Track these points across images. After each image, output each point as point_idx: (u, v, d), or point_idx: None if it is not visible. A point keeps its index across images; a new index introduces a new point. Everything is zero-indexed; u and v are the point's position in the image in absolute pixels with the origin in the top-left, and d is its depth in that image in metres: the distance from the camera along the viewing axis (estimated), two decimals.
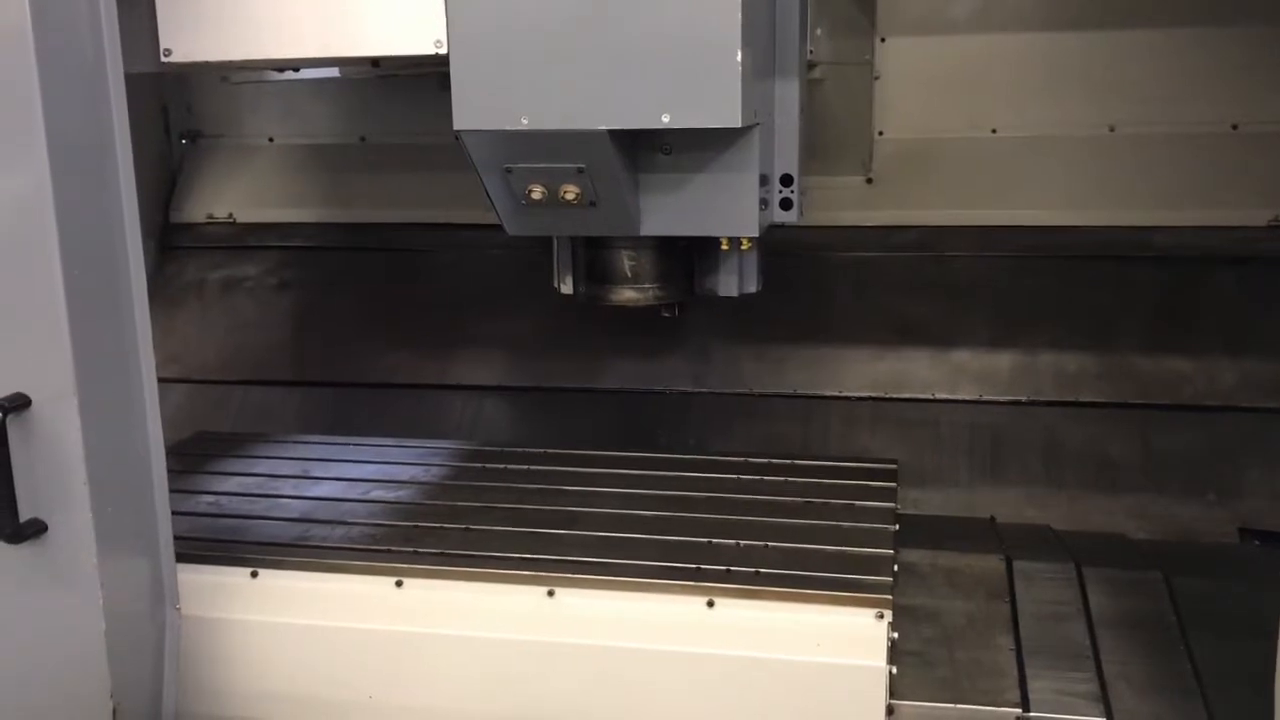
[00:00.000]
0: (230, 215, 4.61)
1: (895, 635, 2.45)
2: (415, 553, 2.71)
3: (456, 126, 2.63)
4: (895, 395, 3.91)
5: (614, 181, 2.73)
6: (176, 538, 2.46)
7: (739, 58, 2.47)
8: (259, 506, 3.05)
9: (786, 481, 3.12)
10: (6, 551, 2.21)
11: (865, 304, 4.03)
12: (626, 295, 3.15)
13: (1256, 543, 3.47)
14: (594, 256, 3.17)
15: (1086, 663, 2.58)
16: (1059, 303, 3.91)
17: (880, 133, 4.09)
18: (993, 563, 3.01)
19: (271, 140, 4.60)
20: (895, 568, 2.65)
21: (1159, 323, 3.83)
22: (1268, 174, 3.81)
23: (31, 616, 2.29)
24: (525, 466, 3.26)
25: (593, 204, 2.77)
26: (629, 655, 2.48)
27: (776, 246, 3.31)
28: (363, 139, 4.51)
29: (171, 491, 2.43)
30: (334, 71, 4.29)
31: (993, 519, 3.44)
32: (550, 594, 2.55)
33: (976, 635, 2.67)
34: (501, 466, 3.28)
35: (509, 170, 2.75)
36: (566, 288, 3.29)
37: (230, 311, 4.44)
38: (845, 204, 4.08)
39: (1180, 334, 3.80)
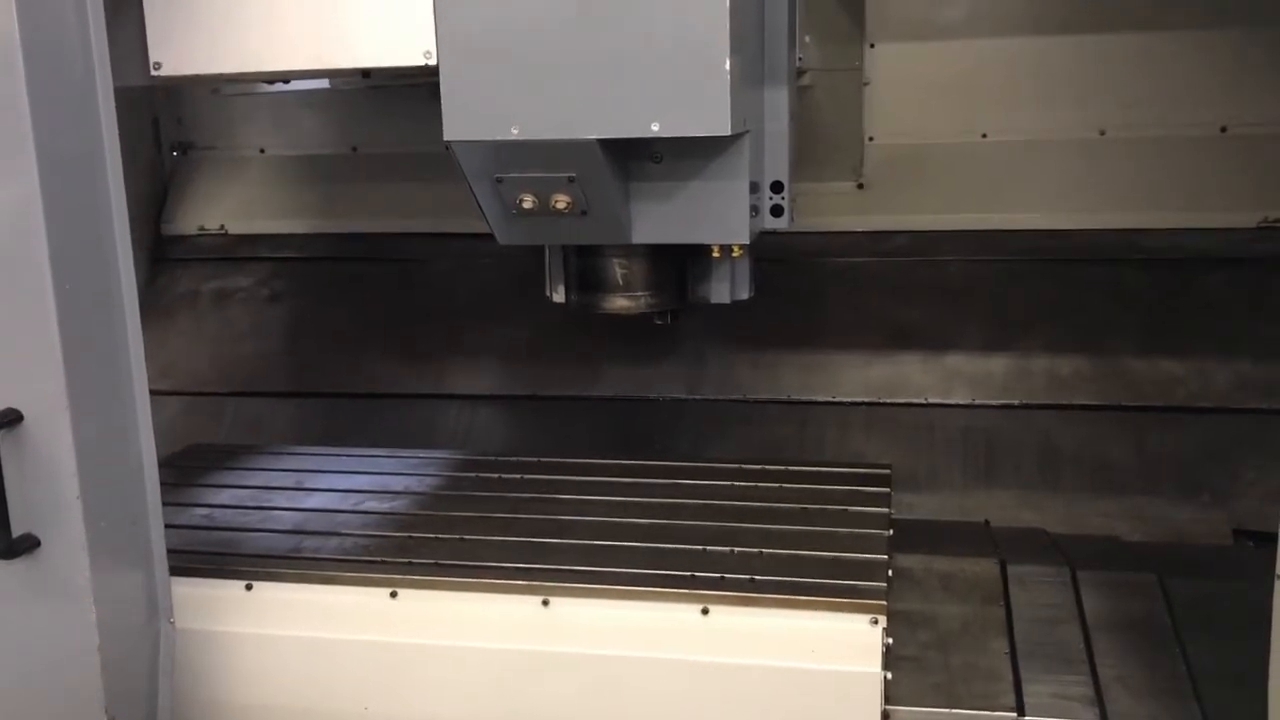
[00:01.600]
0: (222, 227, 4.61)
1: (890, 640, 2.44)
2: (409, 563, 2.70)
3: (447, 137, 2.63)
4: (889, 400, 3.91)
5: (605, 190, 2.73)
6: (170, 551, 2.46)
7: (728, 66, 2.47)
8: (253, 519, 3.04)
9: (781, 487, 3.12)
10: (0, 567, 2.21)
11: (858, 309, 4.04)
12: (619, 303, 3.15)
13: (1251, 544, 3.46)
14: (586, 265, 3.17)
15: (1081, 666, 2.59)
16: (1051, 306, 3.92)
17: (871, 138, 4.10)
18: (987, 567, 3.01)
19: (263, 151, 4.60)
20: (890, 573, 2.64)
21: (1151, 325, 3.83)
22: (1257, 175, 3.83)
23: (25, 631, 2.29)
24: (519, 475, 3.26)
25: (584, 213, 2.77)
26: (624, 663, 2.48)
27: (768, 253, 3.31)
28: (354, 149, 4.51)
29: (165, 504, 2.43)
30: (324, 83, 4.30)
31: (987, 523, 3.44)
32: (545, 603, 2.55)
33: (971, 640, 2.68)
34: (495, 476, 3.27)
35: (500, 180, 2.75)
36: (559, 296, 3.29)
37: (223, 323, 4.44)
38: (837, 210, 4.09)
39: (1172, 336, 3.81)
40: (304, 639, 2.61)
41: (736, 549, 2.72)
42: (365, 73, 2.87)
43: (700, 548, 2.74)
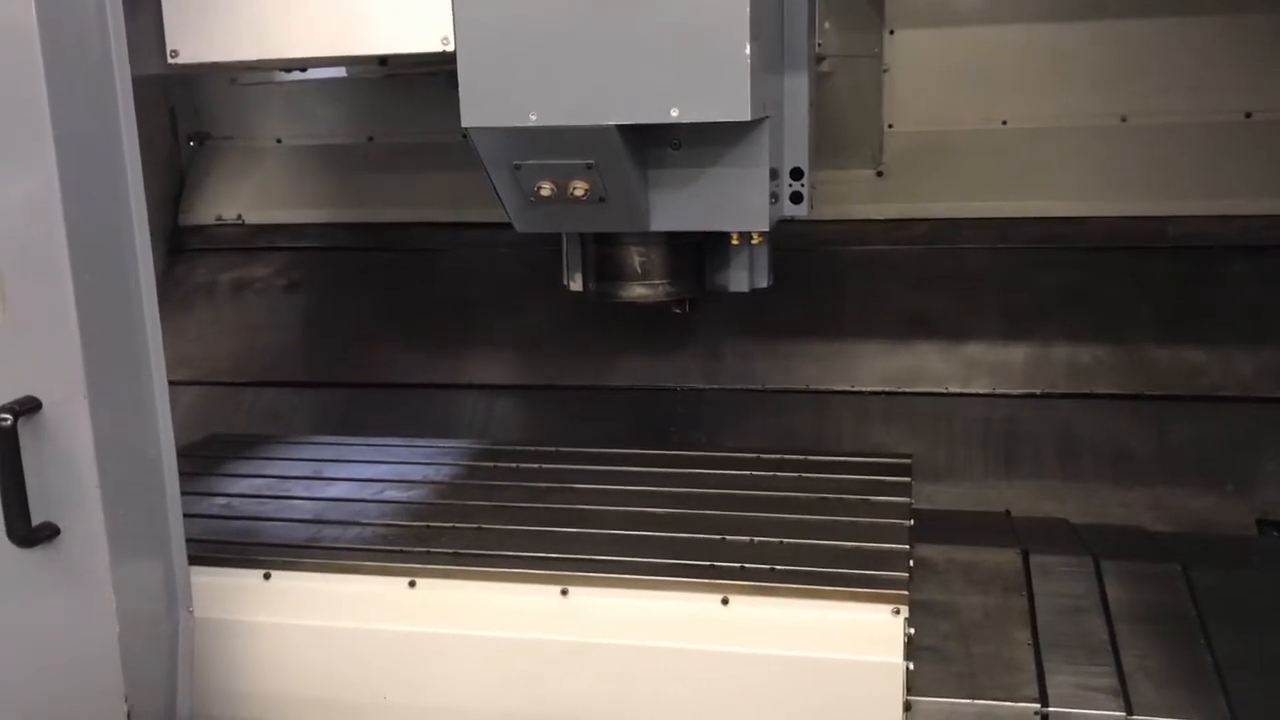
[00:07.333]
0: (239, 217, 4.62)
1: (912, 631, 2.42)
2: (428, 553, 2.70)
3: (464, 123, 2.62)
4: (908, 389, 3.89)
5: (623, 177, 2.71)
6: (189, 540, 2.46)
7: (748, 51, 2.45)
8: (271, 508, 3.04)
9: (800, 477, 3.10)
10: (19, 556, 2.21)
11: (877, 298, 4.02)
12: (637, 292, 3.14)
13: (1275, 533, 3.45)
14: (604, 253, 3.16)
15: (1105, 656, 2.56)
16: (1072, 294, 3.89)
17: (890, 125, 4.08)
18: (1009, 557, 2.99)
19: (280, 141, 4.60)
20: (911, 563, 2.63)
21: (1173, 313, 3.81)
22: None
23: (45, 620, 2.29)
24: (537, 465, 3.25)
25: (602, 200, 2.76)
26: (643, 653, 2.47)
27: (787, 241, 3.30)
28: (371, 139, 4.50)
29: (183, 494, 2.43)
30: (341, 71, 4.30)
31: (1008, 513, 3.42)
32: (564, 593, 2.54)
33: (994, 630, 2.66)
34: (513, 465, 3.27)
35: (518, 167, 2.74)
36: (576, 285, 3.28)
37: (241, 313, 4.44)
38: (856, 197, 4.07)
39: (1195, 324, 3.78)
40: (322, 628, 2.61)
41: (756, 539, 2.71)
42: (382, 60, 2.86)
43: (719, 537, 2.72)
